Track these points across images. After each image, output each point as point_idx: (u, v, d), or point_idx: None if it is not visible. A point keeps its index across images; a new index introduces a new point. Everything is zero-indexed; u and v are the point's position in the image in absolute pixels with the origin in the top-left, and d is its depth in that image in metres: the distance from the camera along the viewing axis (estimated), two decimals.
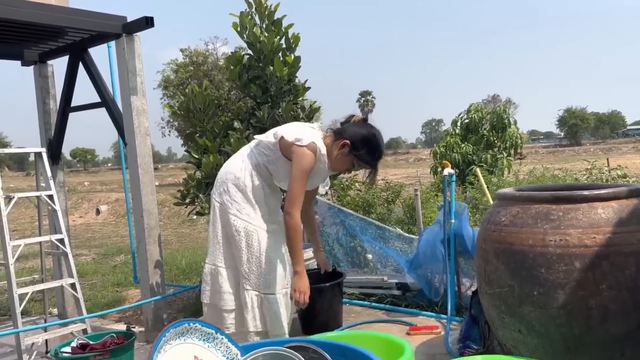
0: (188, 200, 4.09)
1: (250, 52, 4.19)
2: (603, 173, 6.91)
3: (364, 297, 4.22)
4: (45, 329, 4.04)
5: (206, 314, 2.80)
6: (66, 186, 5.50)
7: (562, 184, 3.14)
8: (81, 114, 5.39)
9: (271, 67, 4.01)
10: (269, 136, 2.73)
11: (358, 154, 2.70)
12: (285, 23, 4.16)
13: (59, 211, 4.08)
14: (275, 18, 4.15)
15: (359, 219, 4.85)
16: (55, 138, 5.03)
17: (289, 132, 2.65)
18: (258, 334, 2.67)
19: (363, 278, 4.35)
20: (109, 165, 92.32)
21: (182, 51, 28.51)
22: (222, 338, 2.07)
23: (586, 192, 2.32)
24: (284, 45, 4.17)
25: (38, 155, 4.19)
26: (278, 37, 4.11)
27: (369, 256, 4.68)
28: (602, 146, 51.11)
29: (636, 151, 39.97)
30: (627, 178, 6.84)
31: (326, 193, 3.83)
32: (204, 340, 2.03)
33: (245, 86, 4.18)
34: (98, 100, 4.56)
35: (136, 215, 4.29)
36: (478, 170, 4.96)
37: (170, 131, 31.40)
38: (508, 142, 9.59)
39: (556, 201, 2.33)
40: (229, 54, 4.43)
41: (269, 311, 2.64)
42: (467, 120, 9.93)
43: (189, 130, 4.45)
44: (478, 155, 9.19)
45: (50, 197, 4.05)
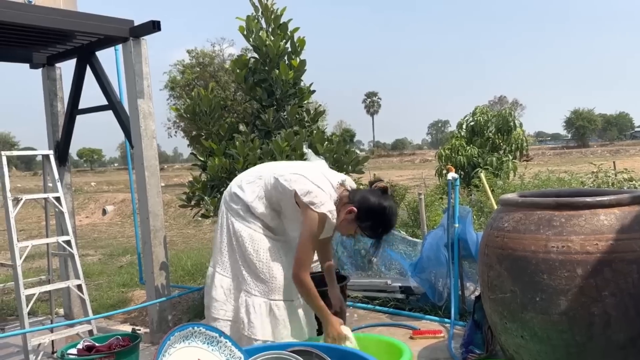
0: (193, 202, 4.12)
1: (256, 56, 4.22)
2: (609, 176, 6.88)
3: (368, 301, 4.23)
4: (51, 330, 4.08)
5: (206, 316, 2.80)
6: (73, 186, 5.55)
7: (566, 190, 3.14)
8: (88, 115, 5.46)
9: (277, 71, 4.04)
10: (288, 180, 2.60)
11: (361, 226, 2.58)
12: (291, 26, 4.20)
13: (66, 213, 4.12)
14: (281, 22, 4.18)
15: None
16: (62, 140, 5.08)
17: (305, 190, 2.53)
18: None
19: (367, 281, 4.37)
20: (116, 165, 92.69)
21: (189, 52, 28.60)
22: (226, 342, 2.09)
23: (588, 199, 2.33)
24: (290, 48, 4.19)
25: (46, 157, 4.24)
26: (284, 41, 4.14)
27: (373, 259, 4.69)
28: (610, 148, 50.85)
29: None
30: (634, 182, 6.81)
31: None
32: (208, 343, 2.05)
33: (251, 89, 4.21)
34: (105, 102, 4.60)
35: (142, 217, 4.32)
36: (483, 174, 4.96)
37: (176, 132, 31.51)
38: (513, 145, 9.59)
39: (559, 207, 2.34)
40: (236, 56, 4.46)
41: (276, 318, 2.63)
42: (473, 122, 9.92)
43: (195, 132, 4.48)
44: (483, 157, 9.19)
45: (57, 199, 4.09)
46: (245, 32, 4.18)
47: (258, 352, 2.02)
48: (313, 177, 2.59)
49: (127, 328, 4.88)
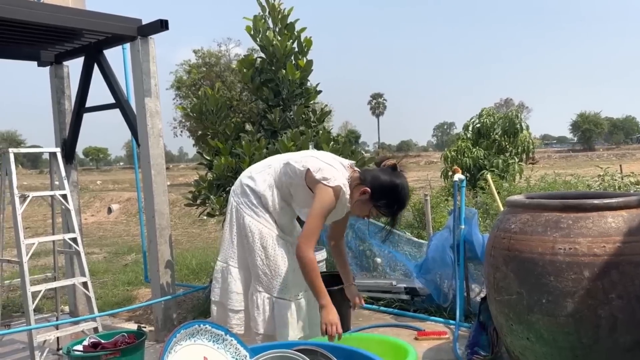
0: (199, 201, 4.13)
1: (263, 56, 4.22)
2: (616, 180, 6.85)
3: (373, 301, 4.23)
4: (57, 327, 4.10)
5: (214, 312, 2.81)
6: (79, 185, 5.57)
7: (573, 192, 3.13)
8: (94, 113, 5.49)
9: (283, 71, 4.05)
10: (298, 161, 2.64)
11: (376, 204, 2.59)
12: (298, 26, 4.20)
13: (72, 210, 4.14)
14: (288, 22, 4.18)
15: (368, 223, 4.85)
16: (69, 138, 5.10)
17: (317, 167, 2.56)
18: (267, 338, 2.67)
19: (372, 282, 4.36)
20: (121, 164, 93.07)
21: (195, 52, 28.67)
22: (232, 340, 2.10)
23: (596, 201, 2.32)
24: (297, 48, 4.20)
25: (53, 155, 4.25)
26: (291, 41, 4.14)
27: (378, 260, 4.69)
28: (616, 152, 50.63)
29: None
30: None
31: None
32: (214, 341, 2.05)
33: (257, 89, 4.22)
34: (112, 101, 4.62)
35: (148, 215, 4.34)
36: (489, 176, 4.94)
37: (182, 131, 31.58)
38: (520, 147, 9.55)
39: (566, 209, 2.33)
40: (242, 56, 4.47)
41: (279, 316, 2.64)
42: (479, 124, 9.89)
43: (201, 131, 4.49)
44: (489, 160, 9.16)
45: (64, 197, 4.11)
46: (252, 32, 4.18)
47: (263, 351, 2.02)
48: (323, 157, 2.64)
49: (132, 326, 4.89)
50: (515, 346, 2.49)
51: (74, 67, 5.24)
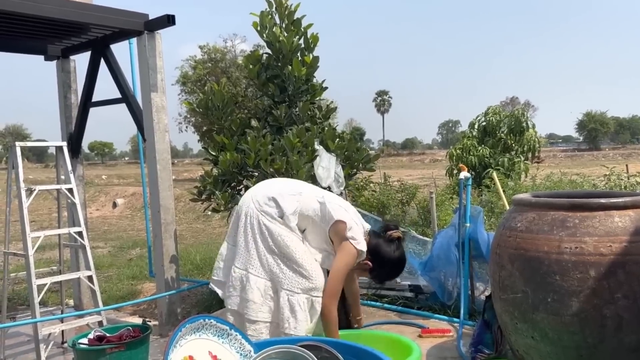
0: (204, 196, 4.14)
1: (269, 51, 4.22)
2: (622, 179, 6.81)
3: (376, 298, 4.23)
4: (62, 320, 4.12)
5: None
6: (84, 179, 5.59)
7: (579, 191, 3.12)
8: (100, 108, 5.50)
9: (290, 67, 4.04)
10: (335, 209, 2.76)
11: (370, 275, 2.99)
12: (304, 23, 4.19)
13: (78, 204, 4.15)
14: (295, 18, 4.17)
15: (374, 220, 4.85)
16: (75, 132, 5.12)
17: (350, 224, 2.73)
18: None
19: None
20: (127, 159, 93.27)
21: (201, 48, 28.61)
22: (236, 335, 2.10)
23: (603, 200, 2.31)
24: (303, 45, 4.19)
25: (59, 149, 4.26)
26: (297, 37, 4.13)
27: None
28: (622, 151, 50.35)
29: None
30: None
31: (341, 193, 3.83)
32: (219, 336, 2.06)
33: (263, 85, 4.21)
34: (118, 96, 4.63)
35: (153, 210, 4.35)
36: (495, 174, 4.92)
37: (187, 127, 31.58)
38: (526, 146, 9.51)
39: (573, 208, 2.32)
40: (248, 52, 4.46)
41: (316, 312, 2.71)
42: (485, 123, 9.86)
43: (207, 127, 4.50)
44: (495, 158, 9.13)
45: (70, 190, 4.12)
46: (258, 28, 4.18)
47: (268, 346, 2.03)
48: (352, 216, 2.85)
49: (137, 320, 4.91)
50: (519, 345, 2.49)
51: (81, 62, 5.27)
